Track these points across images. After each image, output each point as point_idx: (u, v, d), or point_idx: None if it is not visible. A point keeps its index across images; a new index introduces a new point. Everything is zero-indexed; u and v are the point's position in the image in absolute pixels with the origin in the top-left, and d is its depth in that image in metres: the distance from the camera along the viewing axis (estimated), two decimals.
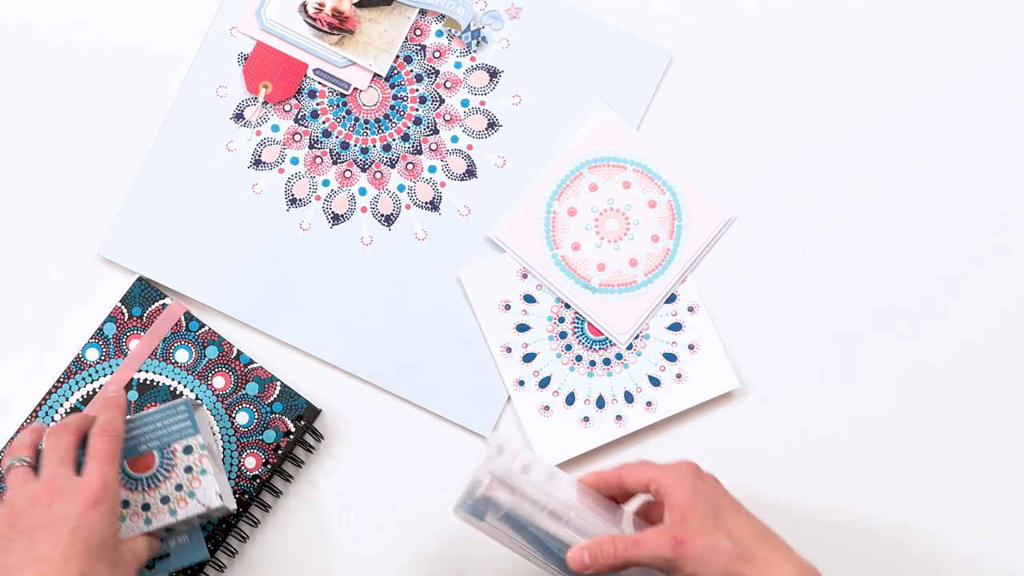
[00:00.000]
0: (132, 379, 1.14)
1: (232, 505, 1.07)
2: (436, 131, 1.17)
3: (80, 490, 0.98)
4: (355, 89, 1.17)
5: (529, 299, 1.15)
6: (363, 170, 1.16)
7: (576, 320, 1.15)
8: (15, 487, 1.00)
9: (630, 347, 1.15)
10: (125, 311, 1.14)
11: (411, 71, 1.17)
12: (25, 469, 1.02)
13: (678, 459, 1.00)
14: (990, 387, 1.15)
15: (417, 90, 1.17)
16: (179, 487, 1.06)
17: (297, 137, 1.16)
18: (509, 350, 1.15)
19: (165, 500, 1.05)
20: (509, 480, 0.98)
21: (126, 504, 1.05)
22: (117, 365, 1.14)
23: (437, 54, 1.17)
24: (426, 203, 1.16)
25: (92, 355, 1.14)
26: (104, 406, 1.06)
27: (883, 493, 1.14)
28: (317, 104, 1.17)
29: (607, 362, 1.15)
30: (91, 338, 1.14)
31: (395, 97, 1.17)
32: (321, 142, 1.16)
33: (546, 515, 0.98)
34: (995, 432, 1.15)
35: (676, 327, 1.15)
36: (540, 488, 0.99)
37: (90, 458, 1.01)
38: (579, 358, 1.15)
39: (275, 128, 1.16)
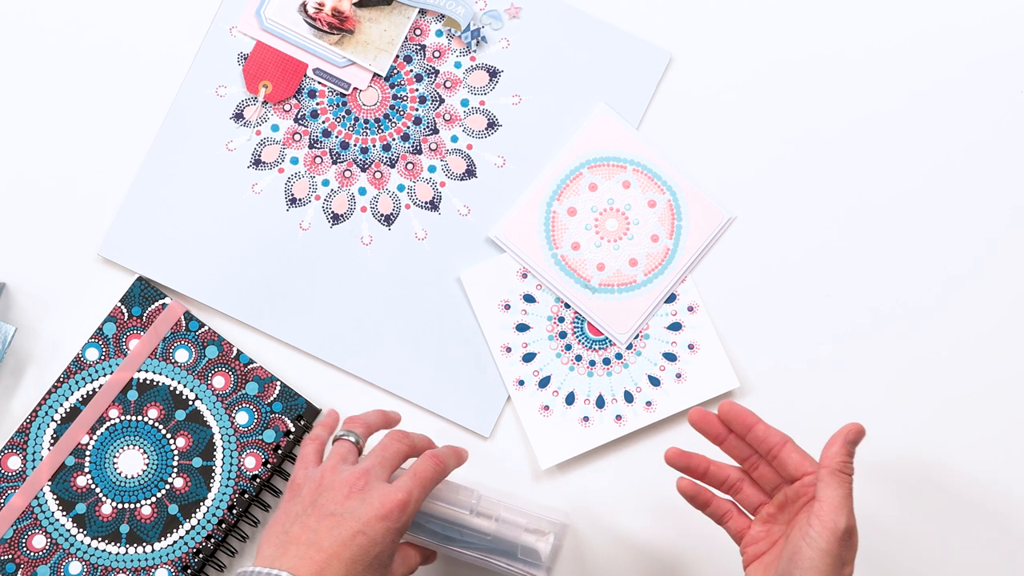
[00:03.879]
0: (132, 379, 1.14)
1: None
2: (436, 131, 1.17)
3: (380, 497, 0.97)
4: (355, 89, 1.17)
5: (529, 299, 1.15)
6: (363, 170, 1.16)
7: (576, 320, 1.15)
8: (333, 461, 1.00)
9: (630, 347, 1.15)
10: (125, 311, 1.14)
11: (411, 71, 1.17)
12: (351, 448, 1.01)
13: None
14: (990, 387, 1.15)
15: (417, 90, 1.17)
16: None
17: (297, 137, 1.16)
18: (509, 350, 1.14)
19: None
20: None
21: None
22: (117, 365, 1.14)
23: (437, 54, 1.17)
24: (426, 203, 1.16)
25: (92, 355, 1.14)
26: (452, 451, 1.04)
27: (883, 493, 1.14)
28: (317, 104, 1.17)
29: (607, 362, 1.15)
30: (91, 338, 1.14)
31: (395, 97, 1.17)
32: (321, 142, 1.16)
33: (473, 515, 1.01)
34: (995, 431, 1.14)
35: (676, 327, 1.15)
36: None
37: (408, 473, 1.00)
38: (579, 358, 1.15)
39: (275, 128, 1.16)
